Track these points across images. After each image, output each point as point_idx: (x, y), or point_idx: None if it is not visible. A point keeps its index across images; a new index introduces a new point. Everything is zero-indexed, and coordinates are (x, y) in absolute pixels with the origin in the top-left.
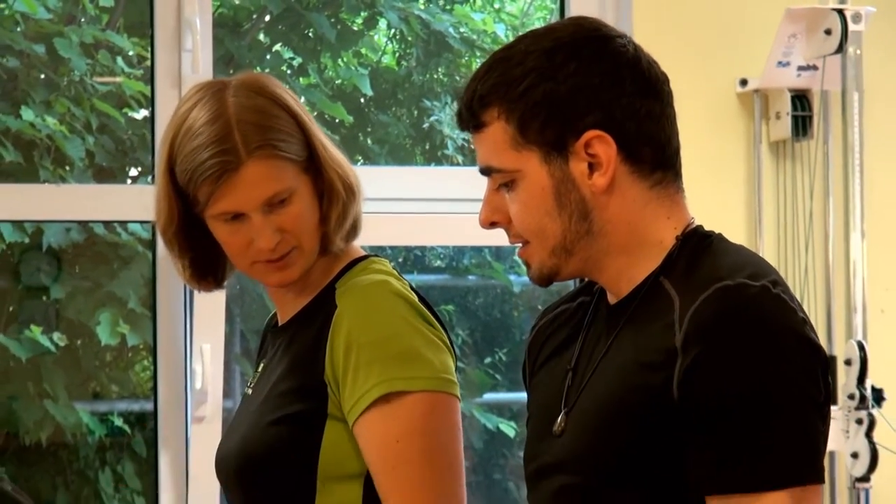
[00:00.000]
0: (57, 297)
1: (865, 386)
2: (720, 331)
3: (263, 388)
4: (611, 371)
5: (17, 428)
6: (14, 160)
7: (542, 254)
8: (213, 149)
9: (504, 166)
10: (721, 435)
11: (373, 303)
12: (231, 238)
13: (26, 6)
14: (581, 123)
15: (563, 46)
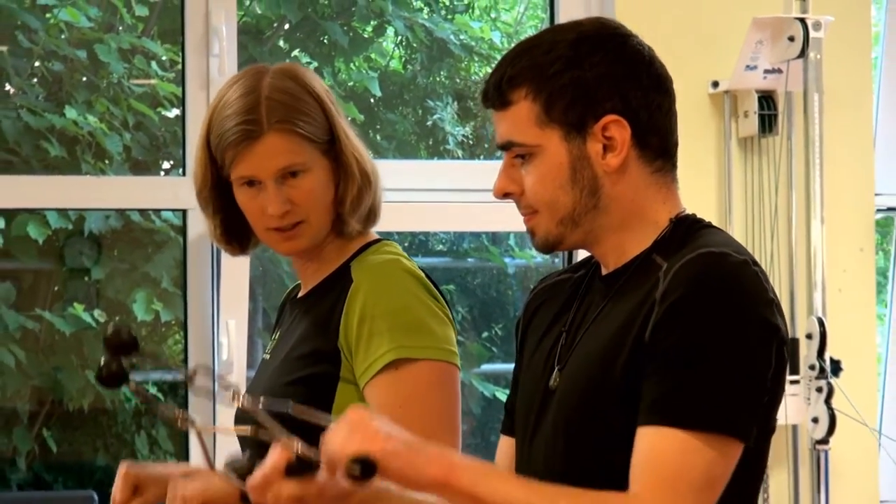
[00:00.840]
0: (97, 277)
1: (825, 358)
2: (696, 286)
3: (281, 353)
4: (602, 332)
5: (61, 396)
6: (59, 154)
7: (550, 224)
8: (240, 118)
9: (526, 141)
10: (669, 374)
11: (386, 278)
12: (249, 203)
13: (70, 16)
14: (601, 108)
15: (587, 39)
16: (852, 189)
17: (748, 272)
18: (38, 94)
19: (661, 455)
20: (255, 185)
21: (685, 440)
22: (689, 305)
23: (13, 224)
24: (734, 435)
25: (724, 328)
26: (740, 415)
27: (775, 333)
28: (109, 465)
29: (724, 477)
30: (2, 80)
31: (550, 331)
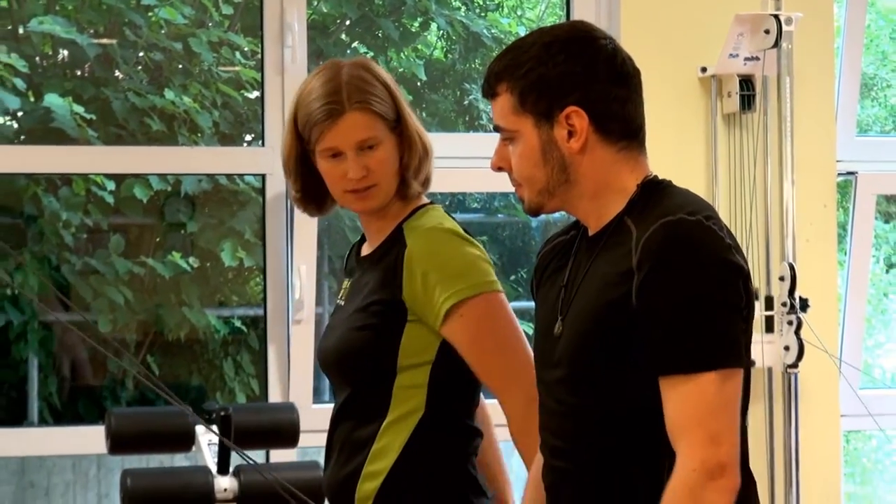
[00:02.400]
0: (192, 230)
1: (794, 297)
2: (663, 253)
3: (355, 301)
4: (590, 287)
5: (162, 328)
6: (160, 129)
7: (531, 194)
8: (326, 99)
9: (508, 126)
10: (665, 332)
11: (430, 241)
12: (331, 170)
13: (168, 14)
14: (564, 101)
15: (557, 41)
16: (817, 156)
17: (703, 228)
18: (141, 79)
19: (695, 404)
20: (337, 155)
21: (708, 381)
22: (663, 271)
23: (122, 186)
24: (737, 365)
25: (697, 282)
26: (735, 346)
27: (738, 272)
28: (202, 385)
29: (735, 400)
30: (112, 68)
31: (553, 286)
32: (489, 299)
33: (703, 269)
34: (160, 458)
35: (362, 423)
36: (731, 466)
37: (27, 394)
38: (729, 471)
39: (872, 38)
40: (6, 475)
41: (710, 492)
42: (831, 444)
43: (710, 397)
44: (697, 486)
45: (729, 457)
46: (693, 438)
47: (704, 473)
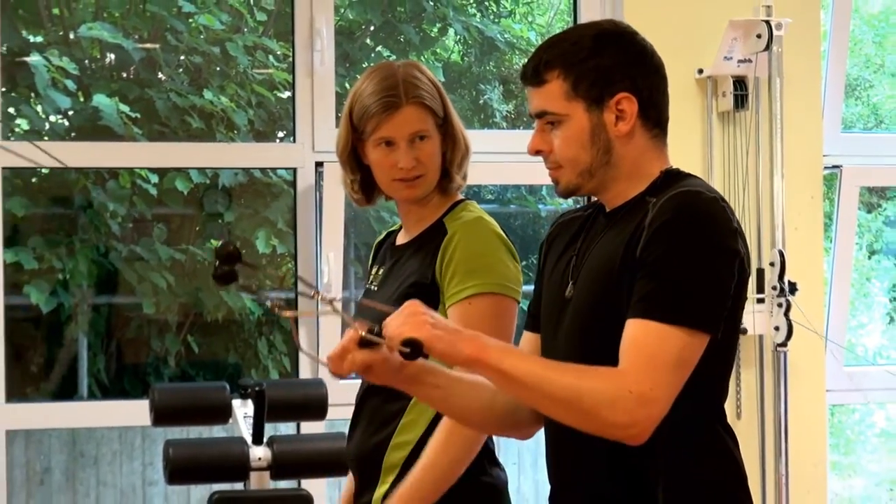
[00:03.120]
0: (228, 220)
1: (784, 281)
2: (676, 213)
3: (393, 285)
4: (603, 253)
5: (201, 309)
6: (199, 126)
7: (572, 175)
8: (384, 93)
9: (557, 110)
10: (653, 279)
11: (470, 232)
12: (383, 159)
13: (207, 20)
14: (616, 87)
15: (606, 34)
16: (805, 151)
17: (717, 206)
18: (182, 81)
19: (643, 340)
20: (390, 145)
21: (663, 329)
22: (671, 228)
23: (164, 179)
24: (700, 328)
25: (697, 247)
26: (706, 313)
27: (736, 255)
28: (238, 362)
29: (691, 361)
30: (155, 70)
31: (565, 254)
32: (501, 301)
33: (707, 238)
34: (199, 429)
35: (392, 399)
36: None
37: (77, 371)
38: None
39: (856, 42)
40: (59, 445)
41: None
42: (818, 416)
43: (668, 350)
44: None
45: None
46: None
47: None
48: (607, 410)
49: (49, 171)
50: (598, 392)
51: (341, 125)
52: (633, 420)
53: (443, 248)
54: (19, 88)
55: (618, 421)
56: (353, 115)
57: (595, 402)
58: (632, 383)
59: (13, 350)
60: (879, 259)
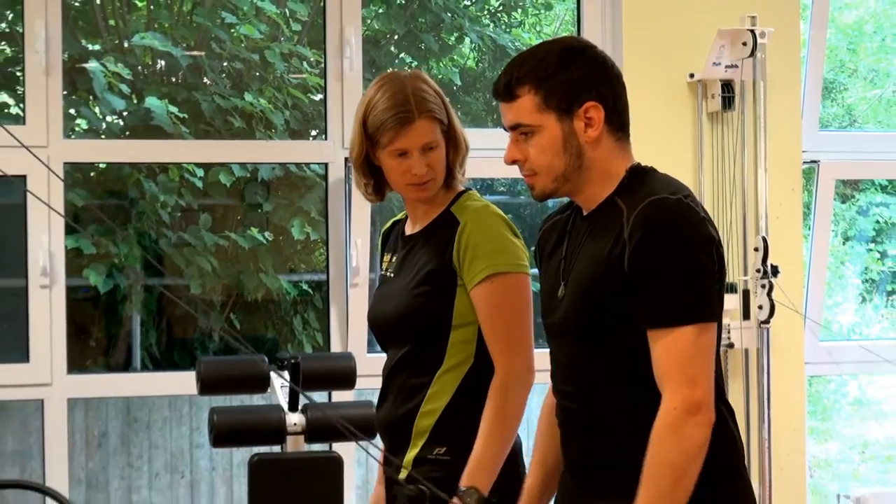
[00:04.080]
0: (267, 210)
1: (767, 264)
2: (650, 227)
3: (409, 273)
4: (587, 257)
5: (242, 290)
6: (240, 125)
7: (547, 181)
8: (397, 109)
9: (531, 122)
10: (651, 292)
11: (481, 218)
12: (397, 167)
13: (247, 30)
14: (583, 97)
15: (571, 50)
16: (786, 148)
17: (682, 205)
18: (225, 85)
19: (671, 350)
20: (404, 154)
21: (687, 334)
22: (651, 241)
23: (209, 173)
24: (712, 320)
25: (679, 249)
26: (710, 304)
27: (711, 241)
28: (275, 337)
29: (712, 349)
30: (201, 75)
31: (554, 256)
32: (518, 278)
33: (683, 239)
34: (241, 397)
35: (418, 373)
36: (706, 404)
37: (131, 345)
38: (705, 408)
39: (832, 49)
40: (115, 412)
41: (689, 426)
42: (797, 386)
43: (688, 347)
44: (679, 421)
45: (705, 396)
46: (674, 382)
47: (684, 411)
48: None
49: (106, 166)
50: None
51: (354, 134)
52: (703, 432)
53: (458, 236)
54: (79, 92)
55: (699, 439)
56: (368, 126)
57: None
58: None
59: (74, 327)
60: (853, 245)
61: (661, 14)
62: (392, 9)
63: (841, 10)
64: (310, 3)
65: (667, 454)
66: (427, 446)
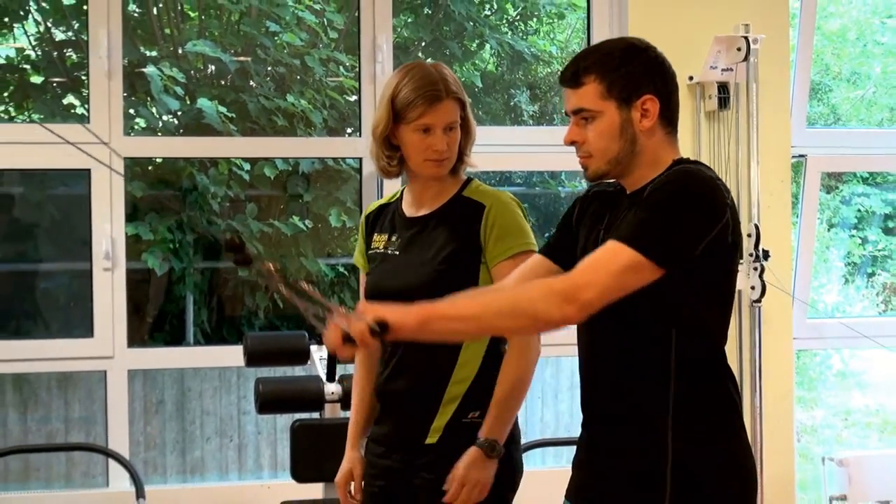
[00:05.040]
0: (307, 200)
1: (759, 249)
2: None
3: (426, 249)
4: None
5: (285, 273)
6: (283, 124)
7: (601, 162)
8: (428, 87)
9: (593, 108)
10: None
11: (503, 202)
12: (419, 142)
13: (289, 38)
14: (642, 90)
15: (634, 47)
16: (776, 143)
17: (703, 175)
18: (269, 87)
19: (597, 253)
20: (427, 131)
21: (617, 246)
22: (662, 186)
23: (255, 167)
24: (649, 257)
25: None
26: (660, 245)
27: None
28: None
29: (632, 284)
30: (248, 79)
31: (595, 227)
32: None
33: (682, 190)
34: (284, 369)
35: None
36: (582, 304)
37: (185, 322)
38: (578, 306)
39: (818, 53)
40: (170, 382)
41: (555, 301)
42: (786, 360)
43: (610, 261)
44: (551, 293)
45: (586, 300)
46: (576, 274)
47: (561, 293)
48: (542, 306)
49: (162, 160)
50: (532, 294)
51: (380, 110)
52: (562, 314)
53: (485, 216)
54: (138, 94)
55: (553, 316)
56: (396, 103)
57: (531, 303)
58: (562, 282)
59: (134, 306)
60: (837, 231)
61: (662, 22)
62: (420, 18)
63: (826, 19)
64: (346, 14)
65: (523, 295)
66: (460, 411)
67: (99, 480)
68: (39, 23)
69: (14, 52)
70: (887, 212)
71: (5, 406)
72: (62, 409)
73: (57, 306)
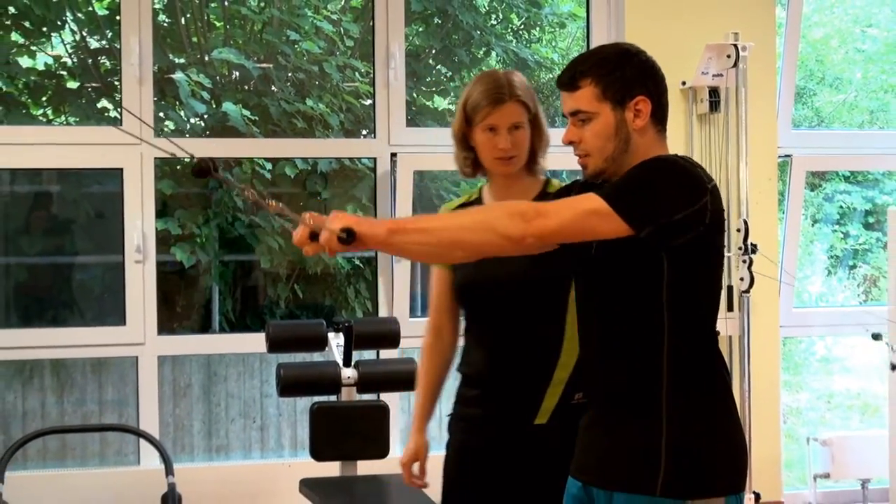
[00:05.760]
0: (325, 197)
1: (748, 242)
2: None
3: None
4: None
5: (305, 265)
6: (302, 126)
7: (598, 161)
8: (493, 91)
9: (589, 109)
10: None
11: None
12: (487, 142)
13: (308, 46)
14: (635, 92)
15: (628, 52)
16: (763, 144)
17: (691, 163)
18: (290, 92)
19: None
20: (493, 130)
21: (590, 195)
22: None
23: (276, 166)
24: (619, 212)
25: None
26: (631, 204)
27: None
28: (332, 304)
29: (594, 228)
30: (269, 84)
31: None
32: None
33: (659, 164)
34: (303, 355)
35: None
36: (542, 229)
37: (211, 311)
38: (538, 228)
39: (803, 60)
40: (197, 367)
41: (511, 220)
42: (773, 346)
43: (583, 203)
44: (513, 212)
45: (544, 228)
46: (547, 204)
47: (523, 213)
48: (504, 222)
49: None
50: (497, 212)
51: (456, 115)
52: (520, 231)
53: None
54: (167, 98)
55: (511, 232)
56: (467, 107)
57: (495, 219)
58: (528, 205)
59: (163, 295)
60: (820, 227)
61: (657, 31)
62: (430, 27)
63: (811, 28)
64: (361, 23)
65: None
66: (567, 394)
67: (131, 459)
68: (75, 32)
69: (52, 60)
70: (867, 208)
71: (43, 390)
72: (96, 392)
73: (92, 296)
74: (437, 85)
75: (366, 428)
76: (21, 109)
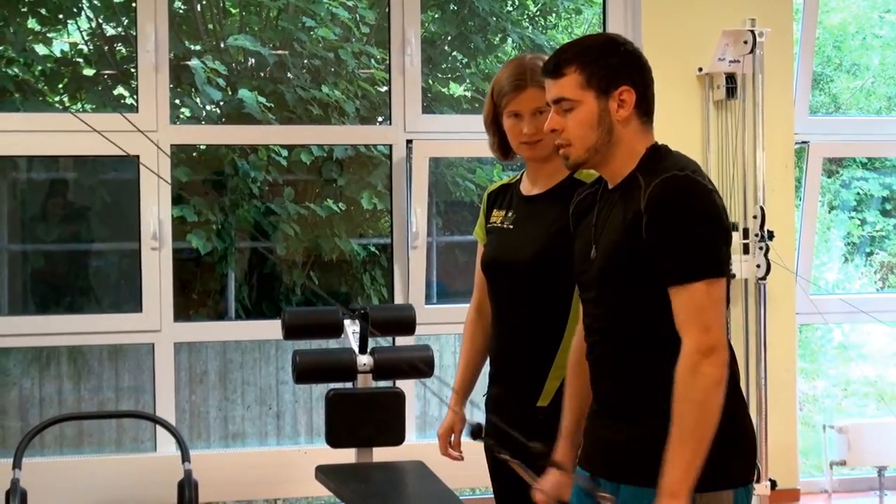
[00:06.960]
0: (341, 184)
1: (764, 229)
2: (662, 199)
3: (539, 224)
4: (613, 224)
5: (320, 252)
6: (318, 113)
7: (580, 150)
8: (515, 78)
9: (573, 97)
10: (667, 255)
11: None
12: (512, 127)
13: (324, 33)
14: (620, 81)
15: (614, 42)
16: (780, 130)
17: (690, 181)
18: (305, 79)
19: (687, 303)
20: (517, 116)
21: (700, 288)
22: (664, 212)
23: (292, 153)
24: (721, 275)
25: (689, 218)
26: (716, 262)
27: (716, 208)
28: (348, 291)
29: (722, 299)
30: (285, 71)
31: (586, 224)
32: None
33: (691, 209)
34: (319, 342)
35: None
36: (719, 347)
37: (227, 298)
38: (718, 350)
39: (820, 46)
40: (213, 354)
41: (705, 366)
42: (789, 333)
43: (701, 299)
44: (696, 363)
45: (718, 340)
46: (691, 329)
47: (700, 353)
48: (701, 382)
49: (205, 147)
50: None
51: (486, 102)
52: (718, 371)
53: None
54: (183, 85)
55: (715, 376)
56: (494, 94)
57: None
58: (687, 354)
59: (179, 283)
60: (837, 213)
61: (674, 17)
62: (446, 14)
63: (828, 14)
64: (377, 10)
65: (688, 393)
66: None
67: (147, 445)
68: (91, 19)
69: (68, 47)
70: (885, 195)
71: (60, 377)
72: (113, 379)
73: (108, 284)
74: (453, 71)
75: (381, 415)
76: (38, 97)
